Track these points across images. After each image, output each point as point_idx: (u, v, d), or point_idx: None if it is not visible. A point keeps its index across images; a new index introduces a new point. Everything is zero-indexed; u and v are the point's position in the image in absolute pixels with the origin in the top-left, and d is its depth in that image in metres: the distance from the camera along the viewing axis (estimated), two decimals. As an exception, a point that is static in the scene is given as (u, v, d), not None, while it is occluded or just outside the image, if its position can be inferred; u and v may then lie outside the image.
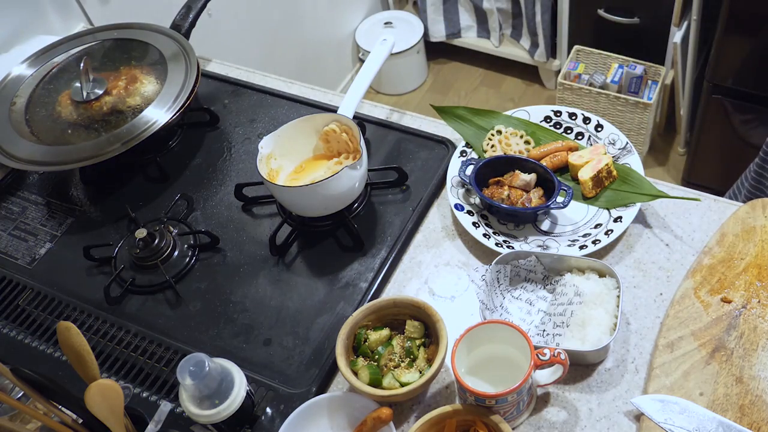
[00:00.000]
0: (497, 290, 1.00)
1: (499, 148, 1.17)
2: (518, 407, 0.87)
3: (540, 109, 1.21)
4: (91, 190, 1.27)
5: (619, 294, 0.94)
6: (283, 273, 1.09)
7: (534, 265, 1.00)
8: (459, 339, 0.87)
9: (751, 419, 0.86)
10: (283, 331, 1.03)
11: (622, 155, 1.14)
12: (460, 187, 1.13)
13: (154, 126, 1.18)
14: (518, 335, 0.86)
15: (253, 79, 1.40)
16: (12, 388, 0.87)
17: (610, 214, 1.07)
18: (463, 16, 2.76)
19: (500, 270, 1.00)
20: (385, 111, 1.30)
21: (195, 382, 0.82)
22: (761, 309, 0.94)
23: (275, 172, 1.12)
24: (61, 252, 1.18)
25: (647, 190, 1.07)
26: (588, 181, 1.09)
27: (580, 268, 0.99)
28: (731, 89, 2.00)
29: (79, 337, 0.82)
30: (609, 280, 0.96)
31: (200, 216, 1.19)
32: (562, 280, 0.98)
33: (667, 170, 2.50)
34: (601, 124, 1.17)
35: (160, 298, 1.09)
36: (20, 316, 1.10)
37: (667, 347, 0.92)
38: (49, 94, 1.27)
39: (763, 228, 1.02)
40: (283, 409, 0.94)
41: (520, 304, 1.00)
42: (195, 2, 1.36)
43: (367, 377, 0.90)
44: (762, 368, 0.89)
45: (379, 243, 1.10)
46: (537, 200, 1.08)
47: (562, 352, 0.85)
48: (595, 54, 2.41)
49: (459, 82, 2.91)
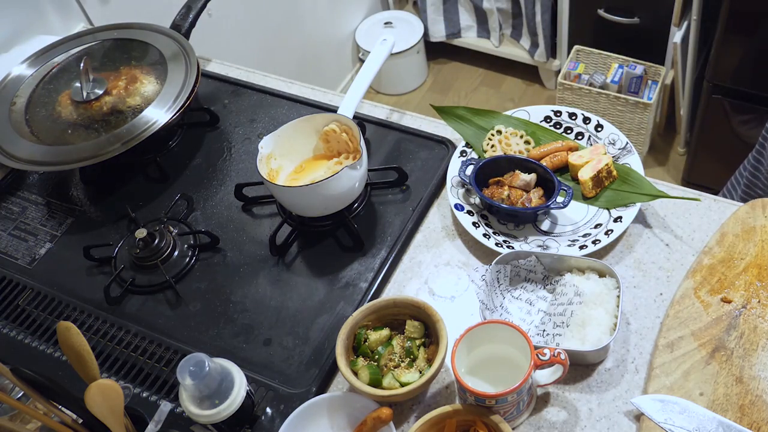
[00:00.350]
0: (497, 290, 1.00)
1: (499, 148, 1.17)
2: (518, 407, 0.87)
3: (540, 109, 1.21)
4: (91, 190, 1.27)
5: (619, 294, 0.94)
6: (283, 273, 1.09)
7: (534, 265, 1.00)
8: (459, 339, 0.87)
9: (751, 419, 0.86)
10: (283, 331, 1.03)
11: (622, 155, 1.14)
12: (460, 187, 1.13)
13: (154, 126, 1.18)
14: (518, 335, 0.86)
15: (253, 79, 1.40)
16: (12, 388, 0.87)
17: (610, 214, 1.07)
18: (463, 16, 2.76)
19: (500, 270, 1.00)
20: (385, 111, 1.30)
21: (195, 382, 0.82)
22: (761, 309, 0.94)
23: (275, 172, 1.12)
24: (61, 252, 1.18)
25: (647, 190, 1.07)
26: (588, 181, 1.09)
27: (580, 268, 0.99)
28: (731, 89, 2.00)
29: (79, 337, 0.82)
30: (609, 280, 0.96)
31: (200, 216, 1.19)
32: (562, 280, 0.98)
33: (667, 170, 2.50)
34: (601, 124, 1.17)
35: (160, 298, 1.09)
36: (20, 316, 1.10)
37: (667, 347, 0.92)
38: (49, 94, 1.27)
39: (763, 228, 1.02)
40: (283, 409, 0.94)
41: (520, 304, 1.00)
42: (195, 2, 1.36)
43: (367, 377, 0.90)
44: (762, 368, 0.89)
45: (379, 243, 1.10)
46: (537, 200, 1.08)
47: (562, 352, 0.85)
48: (595, 54, 2.41)
49: (459, 82, 2.91)
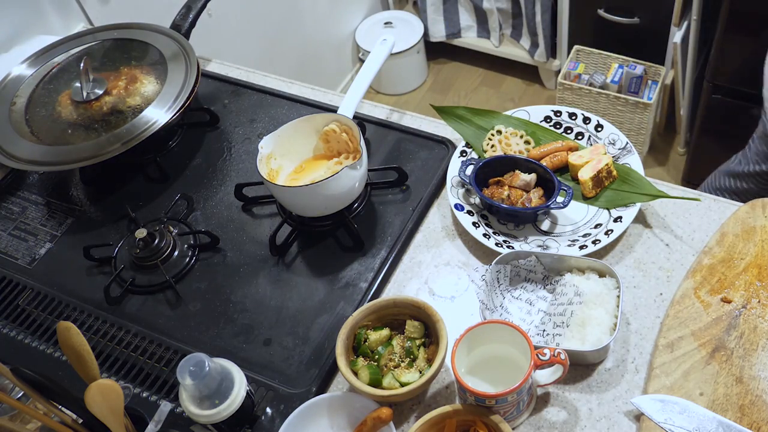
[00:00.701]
0: (497, 290, 1.00)
1: (499, 148, 1.17)
2: (518, 407, 0.87)
3: (540, 109, 1.21)
4: (91, 190, 1.27)
5: (619, 294, 0.94)
6: (283, 273, 1.09)
7: (534, 265, 1.00)
8: (459, 339, 0.87)
9: (751, 419, 0.86)
10: (283, 331, 1.03)
11: (622, 155, 1.14)
12: (460, 187, 1.13)
13: (154, 126, 1.18)
14: (518, 335, 0.86)
15: (253, 79, 1.40)
16: (12, 388, 0.88)
17: (610, 214, 1.07)
18: (463, 16, 2.76)
19: (500, 270, 1.00)
20: (385, 111, 1.30)
21: (195, 382, 0.82)
22: (761, 309, 0.94)
23: (275, 172, 1.12)
24: (61, 252, 1.18)
25: (647, 190, 1.07)
26: (588, 181, 1.09)
27: (580, 268, 0.99)
28: (731, 89, 1.99)
29: (79, 337, 0.82)
30: (609, 280, 0.96)
31: (200, 216, 1.19)
32: (562, 280, 0.98)
33: (667, 170, 2.50)
34: (601, 124, 1.17)
35: (160, 298, 1.09)
36: (20, 316, 1.10)
37: (667, 347, 0.92)
38: (49, 94, 1.27)
39: (763, 228, 1.02)
40: (283, 409, 0.94)
41: (520, 304, 1.00)
42: (195, 2, 1.36)
43: (367, 377, 0.90)
44: (762, 368, 0.89)
45: (379, 243, 1.10)
46: (537, 200, 1.08)
47: (562, 352, 0.85)
48: (595, 54, 2.41)
49: (459, 82, 2.91)
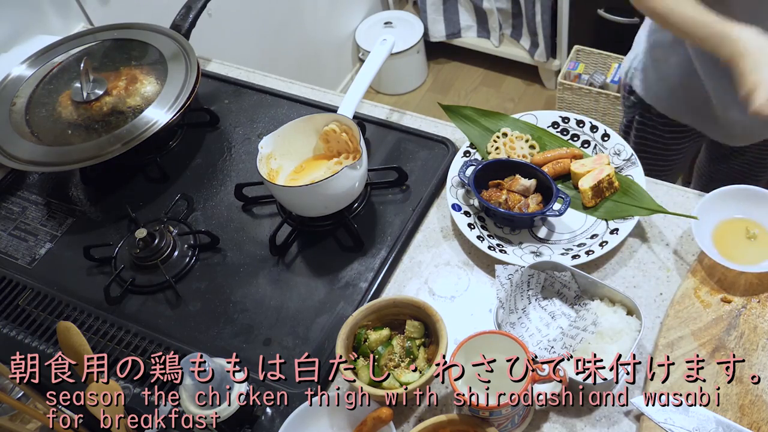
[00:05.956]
0: (524, 293, 0.98)
1: (503, 151, 1.16)
2: (513, 421, 0.86)
3: (548, 114, 1.20)
4: (91, 190, 1.27)
5: (638, 338, 0.90)
6: (283, 273, 1.09)
7: (569, 281, 0.97)
8: (457, 348, 0.85)
9: (751, 419, 0.86)
10: (283, 331, 1.03)
11: (626, 166, 1.12)
12: (461, 188, 1.13)
13: (154, 126, 1.18)
14: (520, 348, 0.84)
15: (253, 79, 1.40)
16: (12, 388, 0.88)
17: (607, 225, 1.06)
18: (463, 16, 2.76)
19: (533, 275, 0.98)
20: (385, 111, 1.30)
21: (195, 382, 0.82)
22: (761, 309, 0.94)
23: (275, 172, 1.12)
24: (61, 252, 1.18)
25: (647, 204, 1.06)
26: (588, 191, 1.08)
27: (613, 299, 0.95)
28: (731, 89, 1.99)
29: (79, 337, 0.82)
30: (633, 321, 0.92)
31: (200, 216, 1.19)
32: (589, 305, 0.95)
33: (667, 170, 2.49)
34: (608, 134, 1.16)
35: (160, 298, 1.09)
36: (20, 316, 1.10)
37: (667, 347, 0.92)
38: (49, 94, 1.26)
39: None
40: (283, 409, 0.94)
41: (542, 314, 0.98)
42: (195, 2, 1.36)
43: (367, 377, 0.90)
44: (762, 368, 0.89)
45: (379, 243, 1.10)
46: (535, 206, 1.07)
47: (561, 369, 0.84)
48: (595, 54, 2.41)
49: (459, 82, 2.91)
